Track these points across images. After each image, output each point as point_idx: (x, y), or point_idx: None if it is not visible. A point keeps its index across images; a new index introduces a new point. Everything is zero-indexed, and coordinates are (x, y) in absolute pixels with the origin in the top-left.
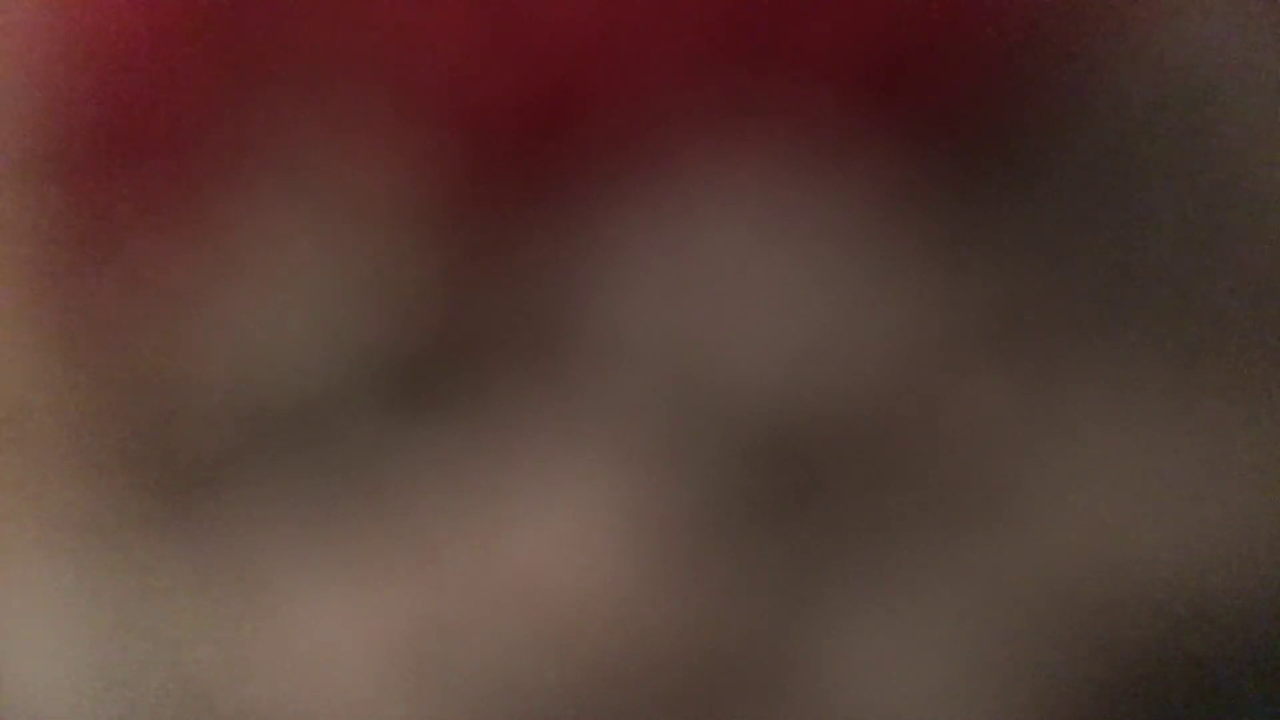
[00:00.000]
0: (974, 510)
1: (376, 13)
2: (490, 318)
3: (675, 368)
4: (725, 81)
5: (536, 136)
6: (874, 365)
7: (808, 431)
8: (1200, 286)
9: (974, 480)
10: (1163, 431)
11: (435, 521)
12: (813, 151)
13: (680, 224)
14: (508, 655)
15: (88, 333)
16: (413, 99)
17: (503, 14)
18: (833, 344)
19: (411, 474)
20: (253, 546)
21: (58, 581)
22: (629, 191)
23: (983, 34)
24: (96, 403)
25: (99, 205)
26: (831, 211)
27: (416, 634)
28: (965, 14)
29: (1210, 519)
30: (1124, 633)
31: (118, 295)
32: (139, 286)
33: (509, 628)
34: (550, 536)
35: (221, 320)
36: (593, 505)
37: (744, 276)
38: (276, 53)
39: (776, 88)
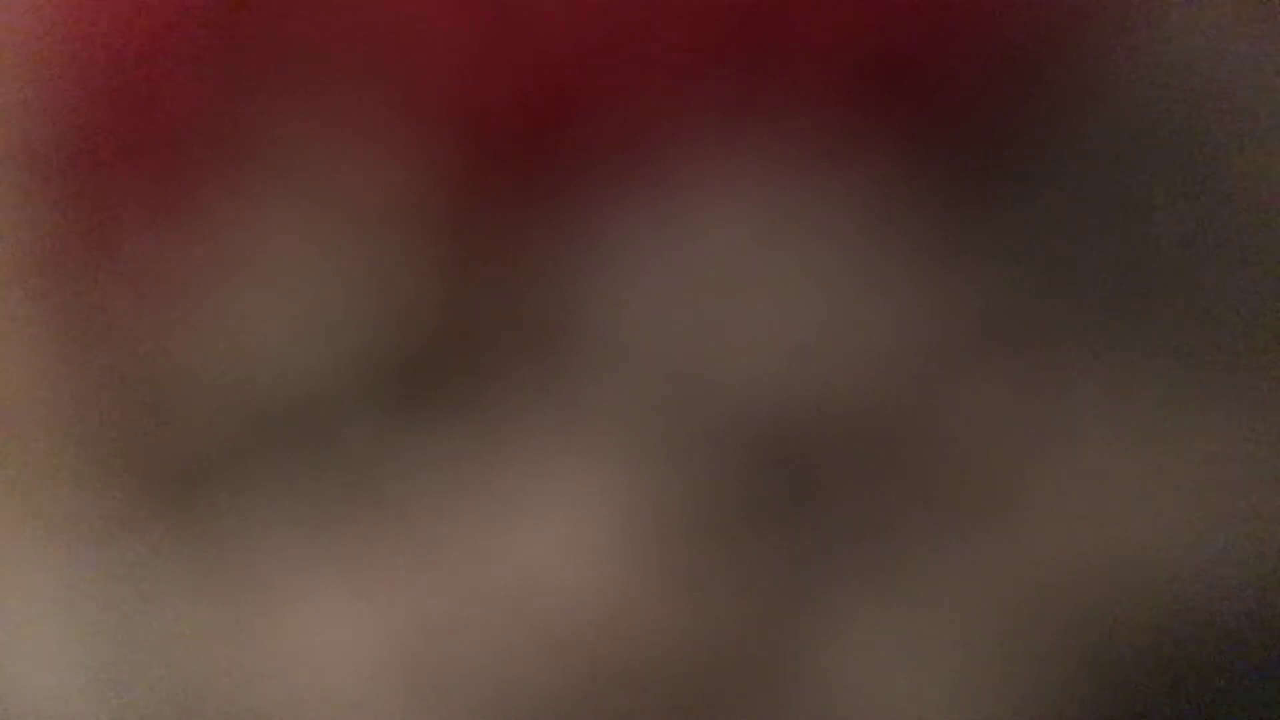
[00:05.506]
0: (973, 509)
1: (376, 13)
2: (490, 318)
3: (674, 367)
4: (724, 81)
5: (536, 136)
6: (873, 364)
7: (807, 431)
8: (1200, 286)
9: (973, 479)
10: (1162, 431)
11: (435, 522)
12: (811, 151)
13: (679, 224)
14: (507, 655)
15: (88, 333)
16: (412, 99)
17: (502, 14)
18: (832, 343)
19: (411, 474)
20: (252, 546)
21: (57, 581)
22: (628, 191)
23: (982, 34)
24: (96, 403)
25: (99, 204)
26: (830, 211)
27: (416, 634)
28: (965, 14)
29: (1210, 518)
30: (1124, 631)
31: (118, 294)
32: (139, 285)
33: (508, 628)
34: (549, 537)
35: (221, 320)
36: (592, 505)
37: (743, 276)
38: (276, 53)
39: (776, 88)
